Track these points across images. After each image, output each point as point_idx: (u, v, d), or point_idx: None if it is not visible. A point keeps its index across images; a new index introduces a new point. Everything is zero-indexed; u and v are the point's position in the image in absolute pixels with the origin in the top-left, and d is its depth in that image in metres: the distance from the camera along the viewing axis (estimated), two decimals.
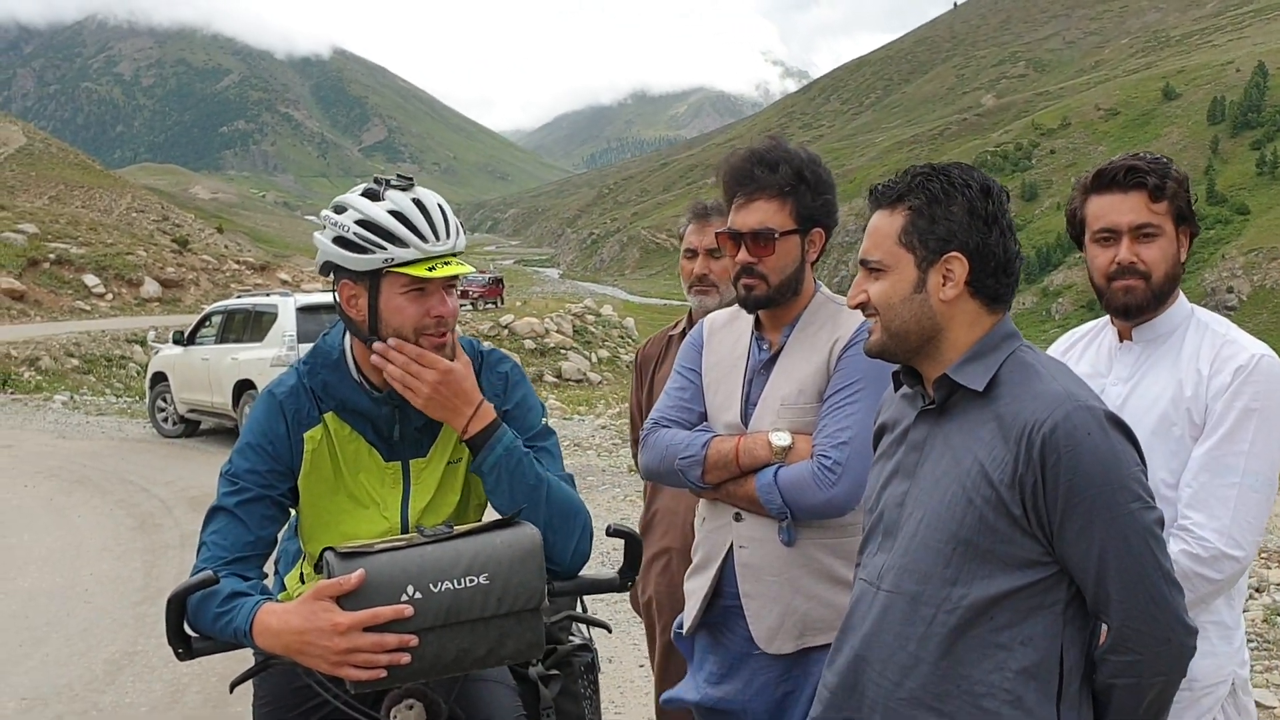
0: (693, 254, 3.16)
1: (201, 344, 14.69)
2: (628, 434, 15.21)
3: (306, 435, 2.15)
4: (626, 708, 5.06)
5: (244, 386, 13.32)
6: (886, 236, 1.87)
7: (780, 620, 2.42)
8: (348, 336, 2.20)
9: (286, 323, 13.25)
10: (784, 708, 2.46)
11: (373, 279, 2.07)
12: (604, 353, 39.59)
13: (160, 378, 15.35)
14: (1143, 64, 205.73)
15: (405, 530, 2.17)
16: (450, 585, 1.84)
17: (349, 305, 2.12)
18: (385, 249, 2.03)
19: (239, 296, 16.22)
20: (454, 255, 2.09)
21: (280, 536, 2.26)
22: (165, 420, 15.26)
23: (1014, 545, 1.73)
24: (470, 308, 52.69)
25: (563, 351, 37.38)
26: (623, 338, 42.77)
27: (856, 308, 1.92)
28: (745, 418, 2.49)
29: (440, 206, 2.09)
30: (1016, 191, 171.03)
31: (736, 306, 2.67)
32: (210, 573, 1.94)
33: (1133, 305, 2.32)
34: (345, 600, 1.82)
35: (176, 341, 15.19)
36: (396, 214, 2.04)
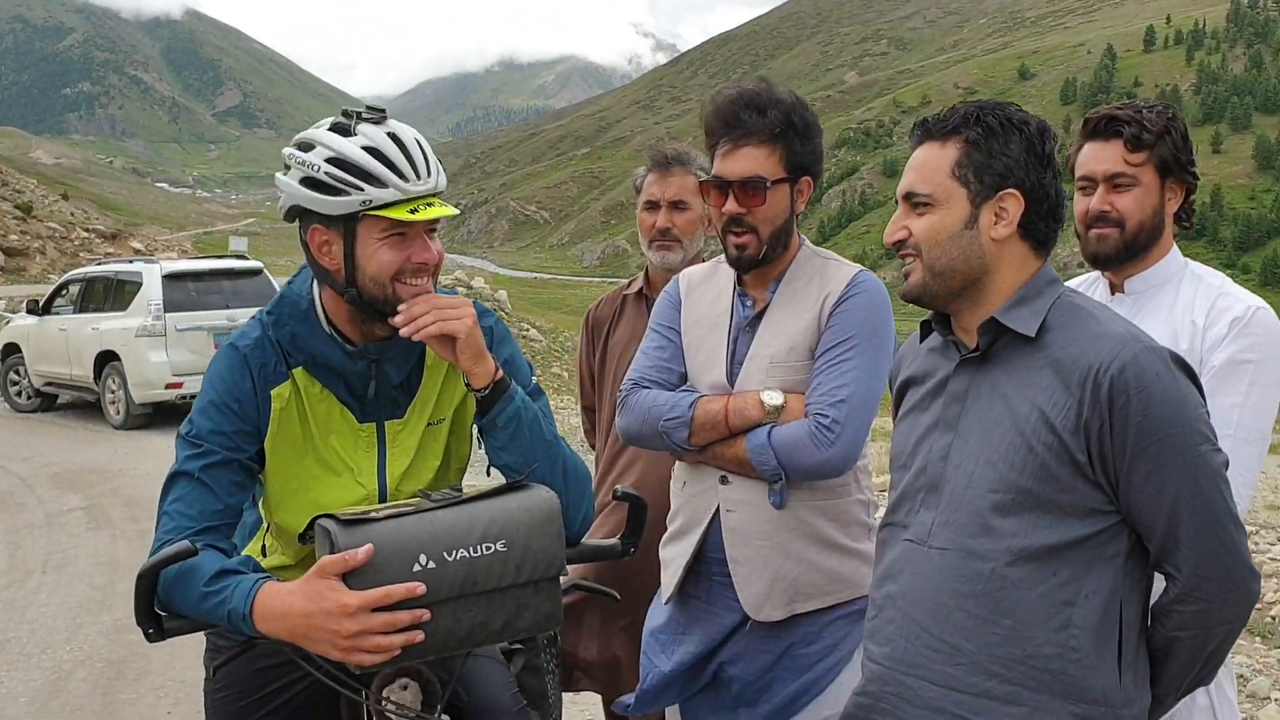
0: (653, 206, 2.98)
1: (58, 314, 13.90)
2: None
3: (274, 393, 1.94)
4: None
5: (107, 358, 12.72)
6: (937, 170, 1.76)
7: (770, 586, 2.31)
8: (316, 285, 2.00)
9: (152, 291, 12.59)
10: (770, 679, 2.36)
11: (348, 223, 1.87)
12: None
13: (12, 349, 14.50)
14: (1000, 44, 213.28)
15: (384, 498, 2.00)
16: (466, 553, 1.67)
17: (321, 253, 1.91)
18: (362, 190, 1.82)
19: (100, 264, 15.36)
20: (435, 196, 1.90)
21: None
22: (19, 394, 14.45)
23: (1076, 494, 1.66)
24: None
25: None
26: (496, 310, 42.27)
27: (894, 245, 1.81)
28: (731, 377, 2.36)
29: (418, 141, 1.90)
30: (878, 169, 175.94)
31: (714, 261, 2.54)
32: (188, 543, 1.72)
33: (1102, 253, 2.33)
34: (352, 577, 1.63)
35: (31, 311, 14.40)
36: (372, 150, 1.84)
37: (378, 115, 1.91)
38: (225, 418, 1.91)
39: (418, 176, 1.86)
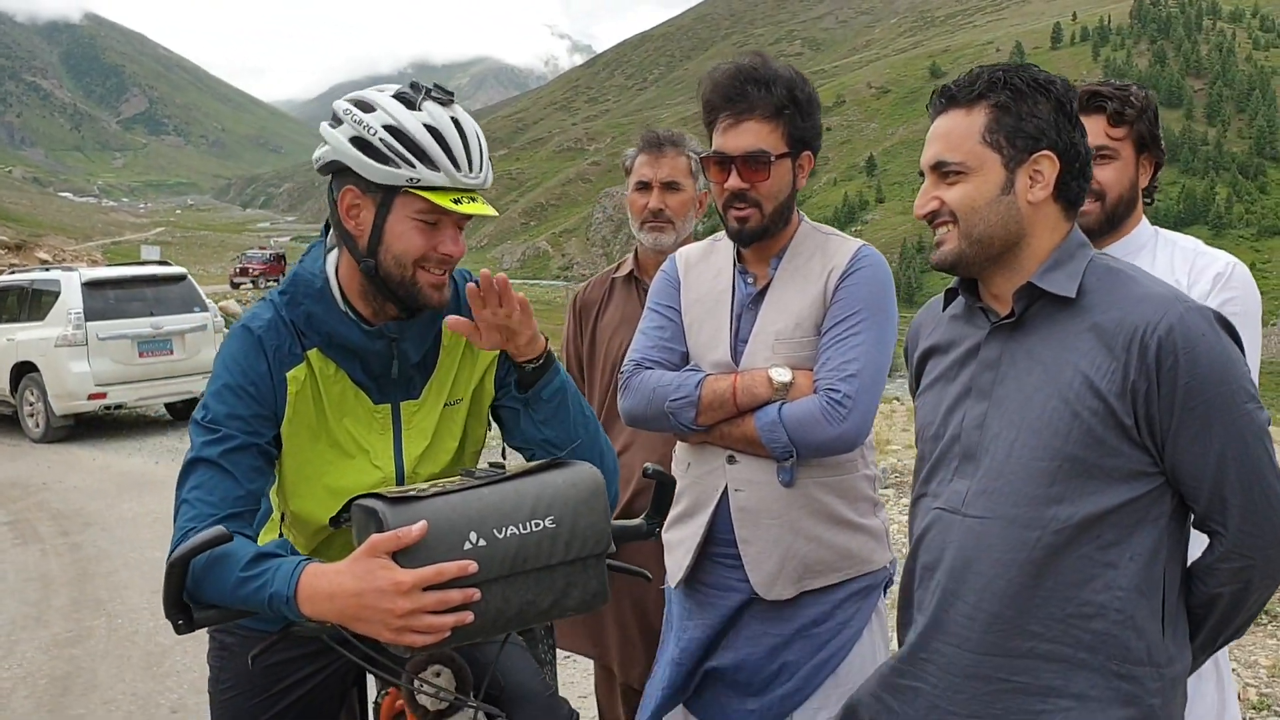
0: (645, 187, 2.94)
1: None
2: None
3: (289, 375, 1.87)
4: (582, 668, 4.83)
5: (24, 369, 12.30)
6: (967, 136, 1.74)
7: (780, 565, 2.29)
8: (330, 262, 1.94)
9: (71, 299, 12.19)
10: (781, 663, 2.34)
11: (386, 194, 1.82)
12: None
13: None
14: (911, 43, 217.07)
15: (400, 480, 1.94)
16: (516, 530, 1.62)
17: (348, 215, 1.86)
18: (413, 166, 1.78)
19: (11, 274, 14.82)
20: (479, 192, 1.87)
21: None
22: None
23: (1122, 458, 1.65)
24: (252, 285, 50.90)
25: None
26: None
27: (925, 217, 1.78)
28: (735, 355, 2.34)
29: (478, 135, 1.86)
30: None
31: (710, 240, 2.52)
32: (222, 528, 1.64)
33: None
34: (401, 556, 1.57)
35: None
36: (433, 130, 1.80)
37: (445, 96, 1.87)
38: (242, 401, 1.83)
39: (470, 169, 1.82)
